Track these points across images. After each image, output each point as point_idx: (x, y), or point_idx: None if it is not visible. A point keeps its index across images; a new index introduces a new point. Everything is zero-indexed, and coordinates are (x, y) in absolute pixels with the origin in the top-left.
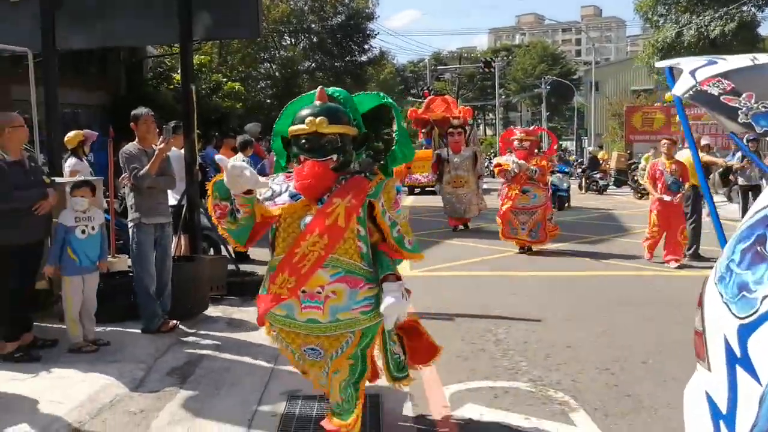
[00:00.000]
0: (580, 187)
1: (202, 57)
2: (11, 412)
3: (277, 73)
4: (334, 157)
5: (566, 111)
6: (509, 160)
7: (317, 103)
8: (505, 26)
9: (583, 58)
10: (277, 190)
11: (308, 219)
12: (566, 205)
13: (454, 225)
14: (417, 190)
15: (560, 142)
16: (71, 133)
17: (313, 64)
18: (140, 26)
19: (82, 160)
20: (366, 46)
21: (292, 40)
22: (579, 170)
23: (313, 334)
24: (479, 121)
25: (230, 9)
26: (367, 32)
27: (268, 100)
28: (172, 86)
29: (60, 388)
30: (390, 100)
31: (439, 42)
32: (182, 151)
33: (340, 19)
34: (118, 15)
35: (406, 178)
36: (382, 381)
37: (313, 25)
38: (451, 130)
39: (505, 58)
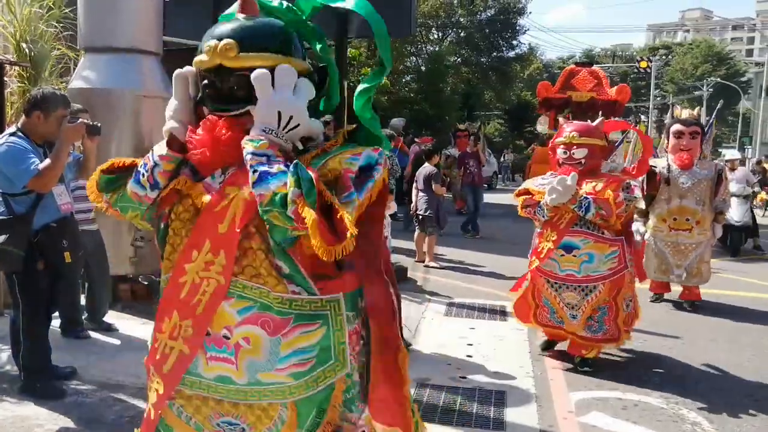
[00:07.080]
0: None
1: (352, 50)
2: None
3: (422, 68)
4: (251, 109)
5: (729, 116)
6: (546, 185)
7: (239, 16)
8: (666, 22)
9: (755, 59)
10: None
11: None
12: (753, 244)
13: (657, 292)
14: None
15: (719, 150)
16: None
17: (459, 59)
18: None
19: None
20: (514, 42)
21: (440, 34)
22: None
23: (228, 399)
24: (630, 121)
25: (386, 7)
26: (517, 28)
27: (412, 95)
28: None
29: None
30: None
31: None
32: None
33: (490, 14)
34: None
35: None
36: (508, 378)
37: (462, 19)
38: (678, 127)
39: (663, 57)
